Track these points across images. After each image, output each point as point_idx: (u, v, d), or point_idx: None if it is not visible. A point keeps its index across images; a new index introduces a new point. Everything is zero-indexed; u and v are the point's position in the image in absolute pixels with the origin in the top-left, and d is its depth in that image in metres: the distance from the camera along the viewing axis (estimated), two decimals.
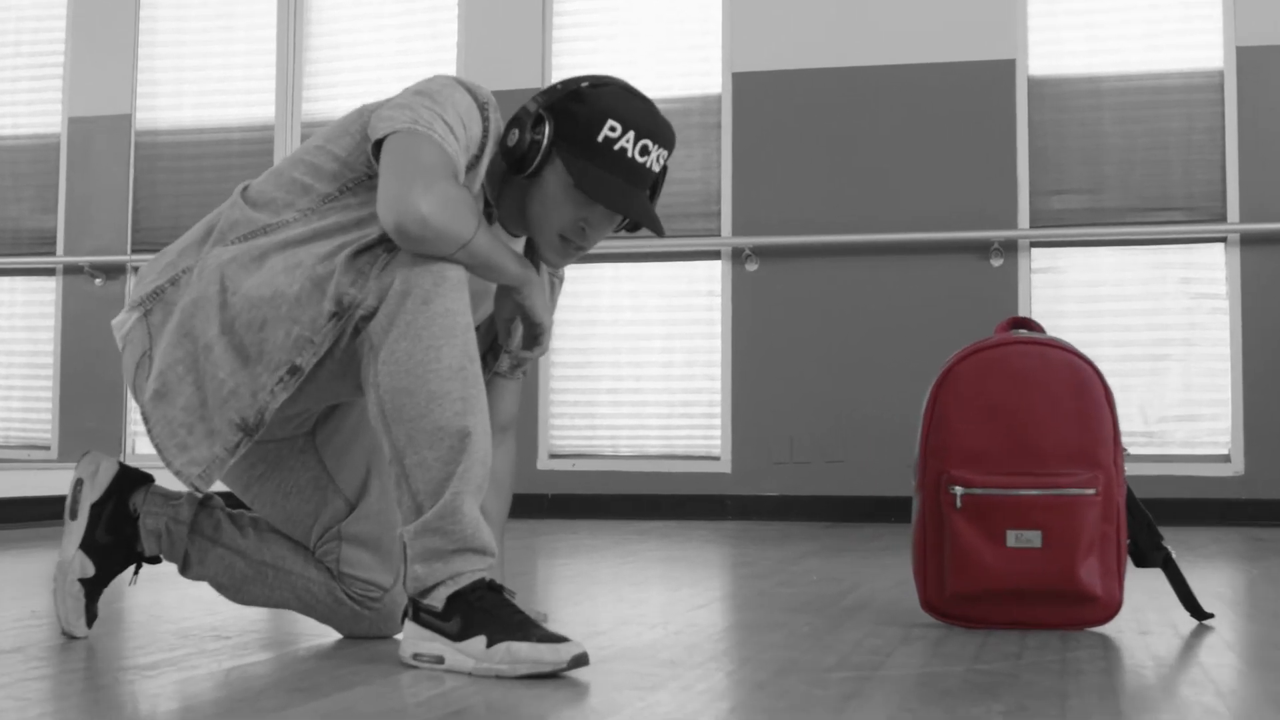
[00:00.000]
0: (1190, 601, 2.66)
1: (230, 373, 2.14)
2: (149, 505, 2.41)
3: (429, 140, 2.11)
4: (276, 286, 2.12)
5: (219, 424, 2.15)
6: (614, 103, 2.22)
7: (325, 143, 2.27)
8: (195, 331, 2.17)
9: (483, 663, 2.02)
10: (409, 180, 2.06)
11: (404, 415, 2.06)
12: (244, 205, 2.28)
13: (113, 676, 2.03)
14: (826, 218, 6.28)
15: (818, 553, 4.36)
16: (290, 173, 2.27)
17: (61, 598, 2.39)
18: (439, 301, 2.07)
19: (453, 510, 2.06)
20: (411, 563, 2.08)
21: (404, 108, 2.15)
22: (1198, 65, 6.09)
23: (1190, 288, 6.03)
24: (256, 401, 2.13)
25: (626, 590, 3.26)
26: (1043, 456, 2.51)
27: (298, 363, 2.11)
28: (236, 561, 2.39)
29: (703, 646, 2.35)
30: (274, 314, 2.11)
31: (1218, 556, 4.28)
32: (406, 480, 2.08)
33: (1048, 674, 2.07)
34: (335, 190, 2.23)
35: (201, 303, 2.17)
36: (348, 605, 2.38)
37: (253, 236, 2.23)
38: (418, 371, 2.06)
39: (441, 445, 2.06)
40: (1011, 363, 2.55)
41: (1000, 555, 2.51)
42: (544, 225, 2.25)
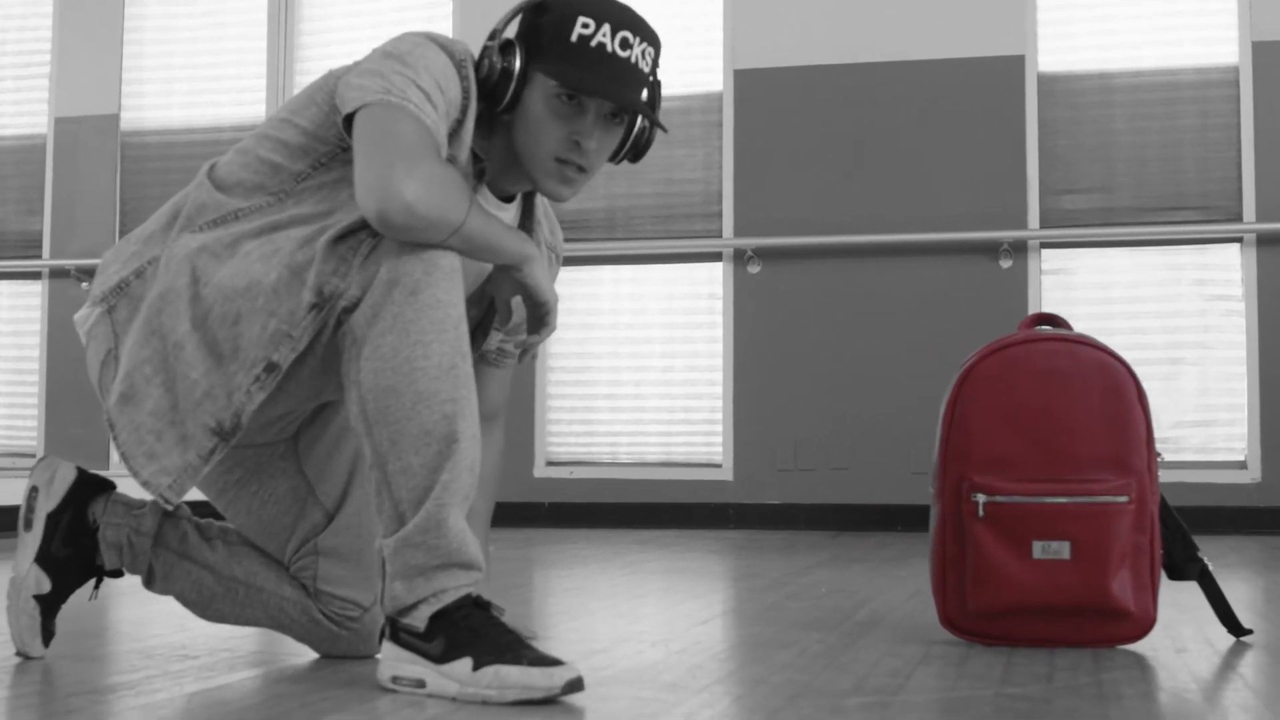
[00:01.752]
0: (1228, 616, 2.48)
1: (204, 373, 1.96)
2: (109, 515, 2.23)
3: (404, 113, 1.92)
4: (252, 276, 1.94)
5: (192, 428, 1.98)
6: (581, 1, 2.05)
7: (291, 115, 2.08)
8: (164, 328, 1.99)
9: (468, 687, 1.84)
10: (388, 162, 1.87)
11: (388, 417, 1.89)
12: (211, 187, 2.09)
13: (64, 703, 1.86)
14: (831, 218, 6.13)
15: (826, 563, 4.19)
16: (257, 150, 2.08)
17: (15, 615, 2.22)
18: (429, 292, 1.89)
19: (437, 522, 1.88)
20: (391, 579, 1.90)
21: (373, 74, 1.96)
22: (1212, 61, 5.93)
23: (1205, 289, 5.87)
24: (232, 403, 1.95)
25: (626, 604, 3.09)
26: (1072, 462, 2.34)
27: (275, 359, 1.93)
28: (205, 577, 2.22)
29: (707, 667, 2.17)
30: (249, 306, 1.94)
31: (1239, 566, 4.12)
32: (388, 487, 1.90)
33: (1084, 698, 1.90)
34: (307, 167, 2.05)
35: (170, 296, 1.99)
36: (325, 625, 2.21)
37: (223, 222, 2.05)
38: (404, 369, 1.88)
39: (428, 450, 1.88)
40: (1038, 361, 2.38)
41: (1026, 568, 2.33)
42: (536, 153, 2.06)
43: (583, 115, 2.04)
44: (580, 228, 6.41)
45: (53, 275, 7.18)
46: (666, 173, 6.38)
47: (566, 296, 6.39)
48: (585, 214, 6.42)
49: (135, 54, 7.17)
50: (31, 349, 7.24)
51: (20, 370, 7.26)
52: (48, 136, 7.27)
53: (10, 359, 7.29)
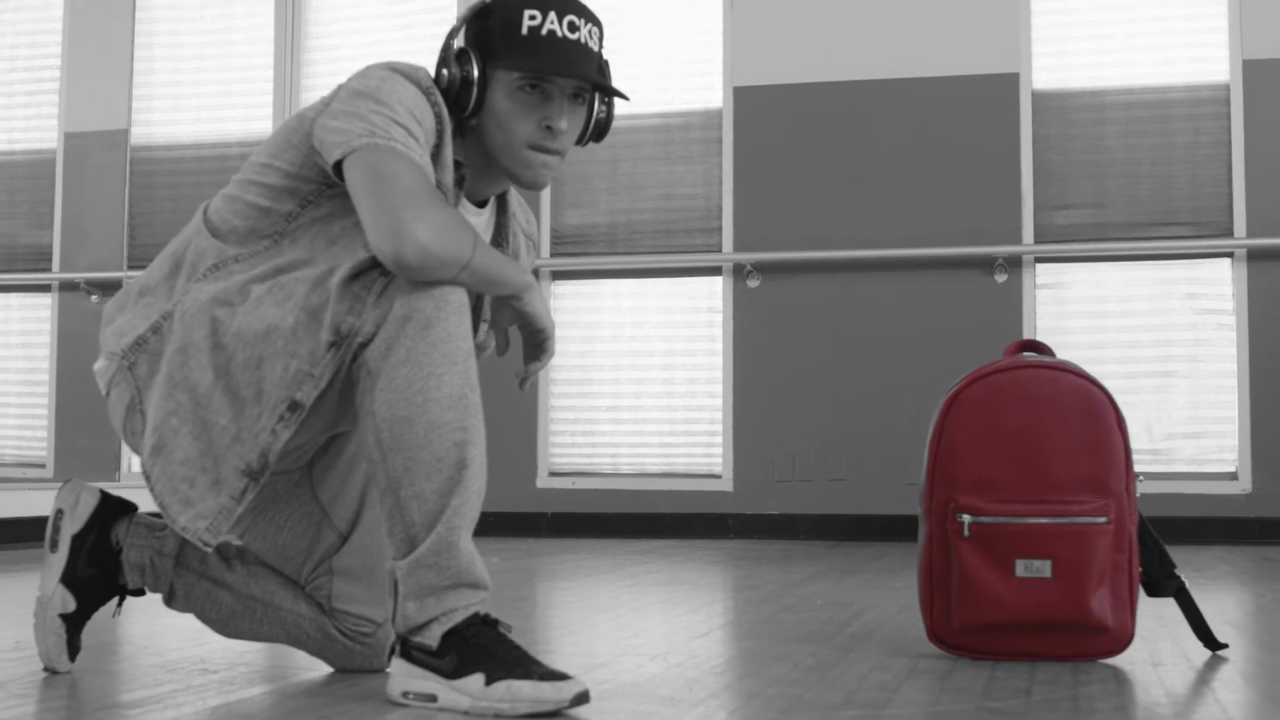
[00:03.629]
0: (1204, 632, 2.59)
1: (230, 418, 2.07)
2: (132, 537, 2.33)
3: (395, 154, 2.02)
4: (269, 321, 2.05)
5: (223, 472, 2.08)
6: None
7: (271, 159, 2.17)
8: (189, 380, 2.09)
9: (480, 701, 1.95)
10: (396, 209, 1.97)
11: (402, 444, 1.99)
12: (208, 234, 2.20)
13: (93, 717, 1.96)
14: (829, 233, 6.23)
15: (822, 574, 4.29)
16: (244, 196, 2.18)
17: (42, 634, 2.32)
18: (440, 327, 2.00)
19: (448, 545, 1.99)
20: (404, 599, 2.01)
21: (351, 116, 2.06)
22: (1204, 79, 6.04)
23: (1196, 303, 5.97)
24: (258, 444, 2.05)
25: (627, 617, 3.20)
26: (1053, 484, 2.45)
27: (298, 398, 2.04)
28: (224, 596, 2.32)
29: (704, 681, 2.28)
30: (269, 350, 2.04)
31: (1227, 578, 4.21)
32: (401, 511, 2.01)
33: (1059, 711, 2.00)
34: (295, 207, 2.16)
35: (191, 349, 2.09)
36: (339, 640, 2.31)
37: (225, 267, 2.15)
38: (417, 400, 1.99)
39: (439, 476, 1.99)
40: (1022, 387, 2.49)
41: (1009, 585, 2.44)
42: (511, 145, 2.17)
43: (549, 101, 2.15)
44: (582, 242, 6.52)
45: (62, 288, 7.29)
46: (667, 188, 6.48)
47: (569, 310, 6.49)
48: (587, 229, 6.53)
49: (144, 70, 7.28)
50: (41, 360, 7.34)
51: (30, 382, 7.37)
52: (57, 151, 7.38)
53: (20, 370, 7.39)
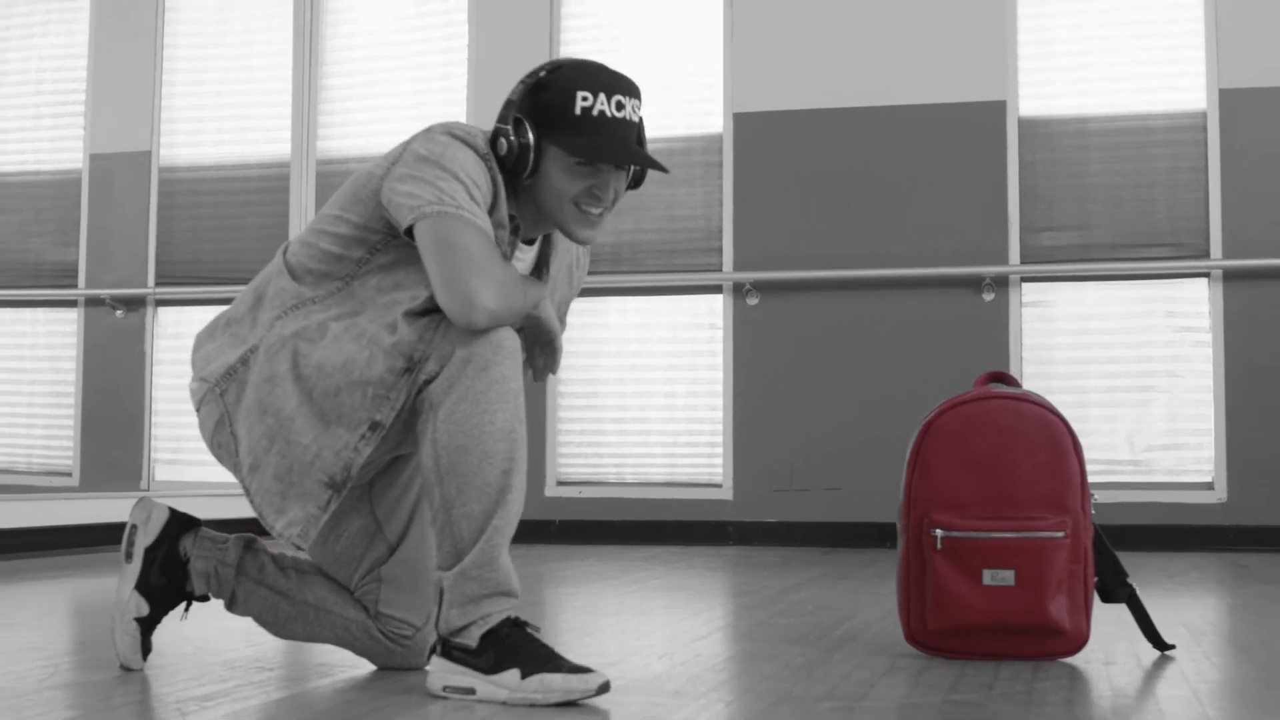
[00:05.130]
0: (1152, 634, 2.88)
1: (313, 438, 2.36)
2: (198, 549, 2.63)
3: (463, 222, 2.31)
4: (347, 355, 2.35)
5: (310, 485, 2.37)
6: (575, 76, 2.42)
7: (342, 212, 2.46)
8: (275, 406, 2.38)
9: (517, 692, 2.26)
10: (466, 276, 2.27)
11: (457, 470, 2.29)
12: (288, 276, 2.49)
13: (175, 709, 2.26)
14: (824, 253, 6.51)
15: (816, 580, 4.58)
16: (318, 244, 2.47)
17: (120, 635, 2.61)
18: (497, 369, 2.30)
19: (490, 559, 2.30)
20: (448, 606, 2.31)
21: (420, 182, 2.33)
22: (1182, 107, 6.31)
23: (1175, 321, 6.25)
24: (340, 459, 2.35)
25: (633, 620, 3.49)
26: (1016, 502, 2.75)
27: (377, 419, 2.33)
28: (280, 602, 2.62)
29: (704, 678, 2.57)
30: (347, 380, 2.34)
31: (1196, 584, 4.50)
32: (451, 528, 2.31)
33: (1014, 704, 2.30)
34: (365, 254, 2.45)
35: (277, 380, 2.39)
36: (382, 642, 2.61)
37: (302, 307, 2.45)
38: (474, 433, 2.29)
39: (487, 499, 2.30)
40: (989, 416, 2.79)
41: (977, 593, 2.74)
42: (562, 209, 2.45)
43: (598, 174, 2.45)
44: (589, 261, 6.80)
45: (88, 304, 7.57)
46: (669, 210, 6.77)
47: (576, 326, 6.76)
48: (594, 249, 6.81)
49: (167, 94, 7.56)
50: (68, 373, 7.62)
51: (57, 394, 7.65)
52: (83, 172, 7.66)
53: (47, 383, 7.68)
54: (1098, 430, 6.23)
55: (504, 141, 2.42)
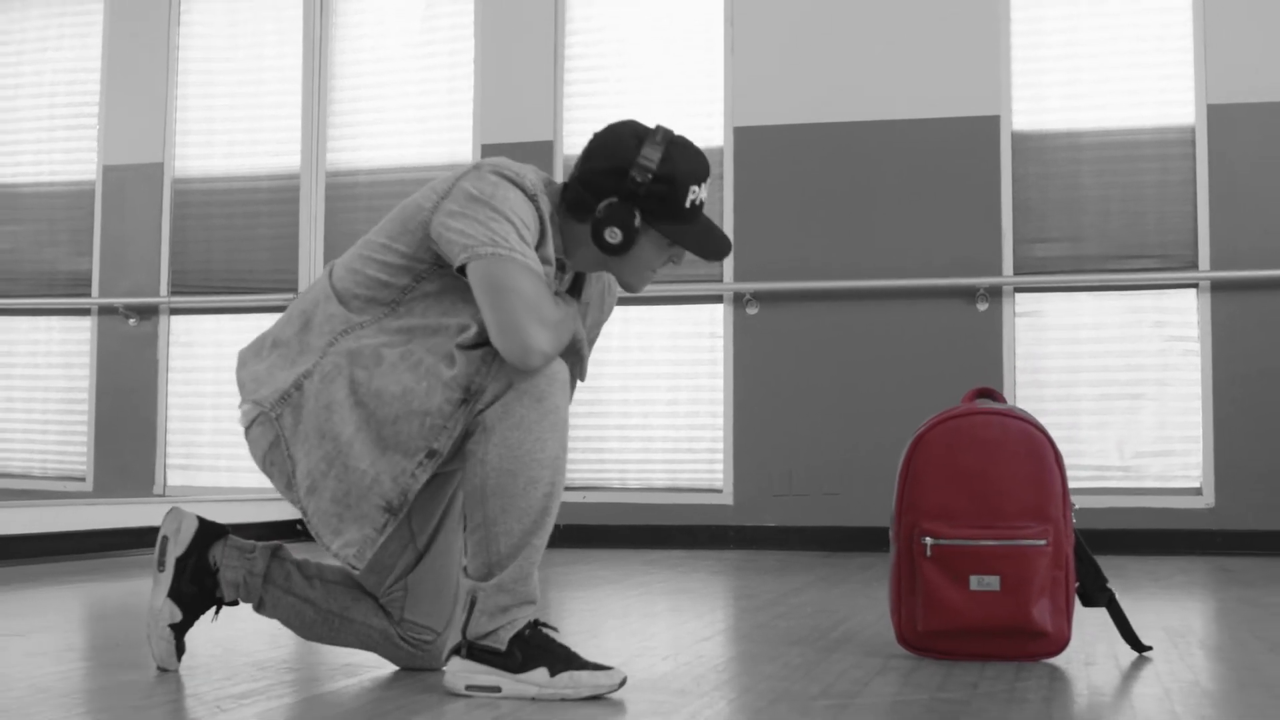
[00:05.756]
0: (1130, 636, 3.05)
1: (370, 463, 2.50)
2: (227, 559, 2.78)
3: (516, 265, 2.44)
4: (405, 384, 2.49)
5: (367, 509, 2.51)
6: (689, 168, 2.58)
7: (390, 241, 2.60)
8: (333, 431, 2.52)
9: (547, 689, 2.44)
10: (522, 323, 2.42)
11: (503, 492, 2.46)
12: (336, 301, 2.62)
13: (214, 706, 2.42)
14: (823, 264, 6.67)
15: (814, 583, 4.74)
16: (364, 270, 2.61)
17: (155, 641, 2.77)
18: (549, 400, 2.48)
19: (524, 576, 2.48)
20: (479, 613, 2.48)
21: (471, 221, 2.47)
22: (1171, 121, 6.46)
23: (1164, 331, 6.41)
24: (398, 484, 2.49)
25: (638, 623, 3.66)
26: (1001, 512, 2.91)
27: (435, 446, 2.49)
28: (306, 610, 2.77)
29: (707, 677, 2.74)
30: (405, 409, 2.48)
31: (1181, 587, 4.66)
32: (490, 543, 2.47)
33: (996, 702, 2.47)
34: (411, 281, 2.58)
35: (334, 406, 2.52)
36: (403, 647, 2.77)
37: (352, 331, 2.57)
38: (524, 459, 2.46)
39: (527, 520, 2.47)
40: (975, 431, 2.95)
41: (964, 597, 2.90)
42: (639, 273, 2.64)
43: (683, 253, 2.65)
44: None
45: (101, 312, 7.72)
46: None
47: None
48: None
49: (179, 107, 7.72)
50: (81, 380, 7.77)
51: (70, 400, 7.80)
52: (96, 183, 7.81)
53: (61, 389, 7.83)
54: (1089, 437, 6.39)
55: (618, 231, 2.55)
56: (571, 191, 2.62)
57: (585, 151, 2.64)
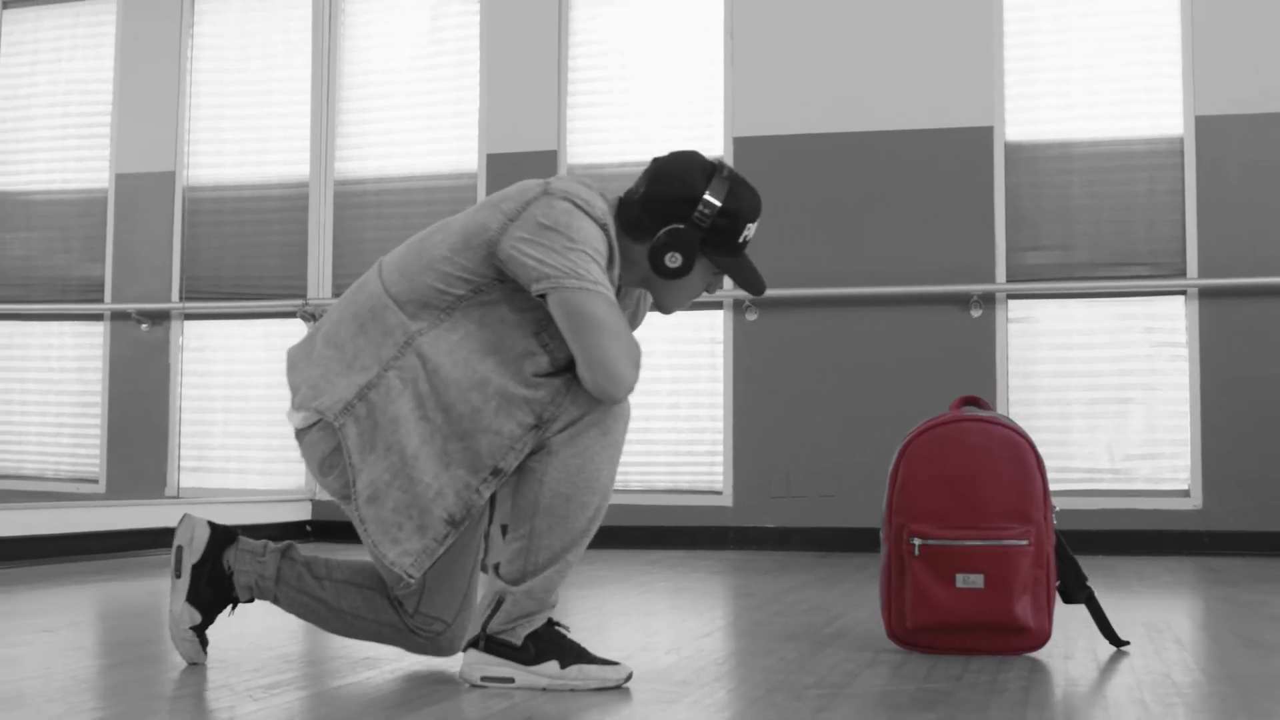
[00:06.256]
0: (1108, 631, 3.21)
1: (434, 476, 2.63)
2: (239, 562, 2.91)
3: (601, 299, 2.57)
4: (472, 404, 2.62)
5: (430, 521, 2.64)
6: (750, 206, 2.75)
7: (452, 254, 2.67)
8: (399, 444, 2.64)
9: (557, 680, 2.61)
10: (611, 356, 2.56)
11: (554, 511, 2.62)
12: (393, 308, 2.71)
13: (246, 695, 2.59)
14: (820, 272, 6.82)
15: (811, 584, 4.90)
16: (424, 279, 2.68)
17: (179, 642, 2.93)
18: (613, 434, 2.64)
19: (552, 586, 2.66)
20: (504, 613, 2.64)
21: (549, 251, 2.57)
22: (1160, 133, 6.62)
23: (1153, 337, 6.56)
24: (461, 499, 2.63)
25: (641, 620, 3.82)
26: (986, 514, 3.08)
27: (501, 465, 2.63)
28: (318, 607, 2.92)
29: (708, 670, 2.90)
30: (474, 427, 2.61)
31: (1166, 586, 4.82)
32: (529, 553, 2.63)
33: (978, 692, 2.63)
34: (468, 293, 2.68)
35: (400, 420, 2.64)
36: (414, 639, 2.91)
37: (412, 343, 2.66)
38: (581, 484, 2.62)
39: (567, 538, 2.64)
40: (961, 438, 3.12)
41: (951, 594, 3.07)
42: (681, 297, 2.81)
43: (721, 283, 2.83)
44: None
45: (114, 318, 7.88)
46: None
47: None
48: None
49: (190, 117, 7.88)
50: (94, 384, 7.93)
51: (84, 404, 7.96)
52: (109, 191, 7.97)
53: (75, 393, 7.99)
54: (1080, 440, 6.55)
55: (678, 256, 2.69)
56: (631, 212, 2.74)
57: (651, 176, 2.74)
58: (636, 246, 2.75)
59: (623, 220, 2.75)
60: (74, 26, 8.19)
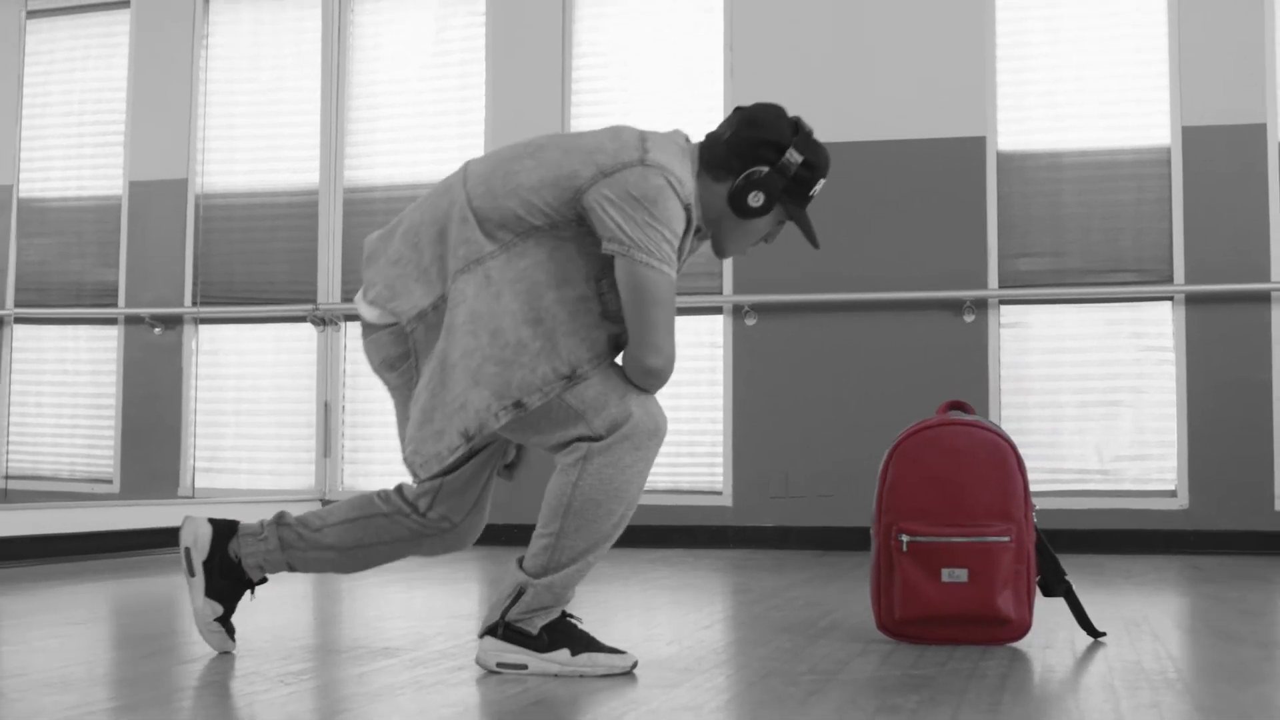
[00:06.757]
0: (1086, 623, 3.40)
1: (463, 389, 2.78)
2: (244, 547, 3.10)
3: (664, 280, 2.75)
4: (521, 337, 2.77)
5: (446, 429, 2.80)
6: (825, 162, 2.95)
7: (539, 187, 2.79)
8: (444, 352, 2.79)
9: (568, 666, 2.80)
10: (662, 335, 2.77)
11: (583, 515, 2.80)
12: (474, 224, 2.82)
13: (278, 680, 2.77)
14: (818, 278, 7.00)
15: (808, 581, 5.09)
16: (507, 204, 2.80)
17: (208, 635, 3.13)
18: (644, 451, 2.81)
19: (571, 583, 2.84)
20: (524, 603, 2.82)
21: (631, 221, 2.73)
22: (1148, 143, 6.80)
23: (1141, 341, 6.75)
24: (479, 418, 2.77)
25: (644, 614, 4.01)
26: (969, 513, 3.27)
27: (524, 401, 2.78)
28: (330, 555, 3.11)
29: (707, 658, 3.09)
30: (514, 358, 2.77)
31: (1151, 583, 5.00)
32: (553, 551, 2.82)
33: (958, 677, 2.82)
34: (545, 224, 2.82)
35: (452, 331, 2.79)
36: (424, 543, 3.09)
37: (483, 262, 2.80)
38: (610, 494, 2.80)
39: (590, 540, 2.82)
40: (947, 440, 3.31)
41: (936, 589, 3.25)
42: (742, 242, 2.98)
43: (781, 232, 3.01)
44: None
45: (127, 321, 8.06)
46: None
47: None
48: None
49: (201, 126, 8.06)
50: (108, 386, 8.11)
51: (98, 406, 8.14)
52: (123, 198, 8.15)
53: (89, 395, 8.17)
54: (1070, 442, 6.73)
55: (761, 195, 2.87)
56: (717, 151, 2.90)
57: (740, 120, 2.91)
58: (716, 186, 2.91)
59: (706, 160, 2.91)
60: (89, 37, 8.38)
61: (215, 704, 2.52)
